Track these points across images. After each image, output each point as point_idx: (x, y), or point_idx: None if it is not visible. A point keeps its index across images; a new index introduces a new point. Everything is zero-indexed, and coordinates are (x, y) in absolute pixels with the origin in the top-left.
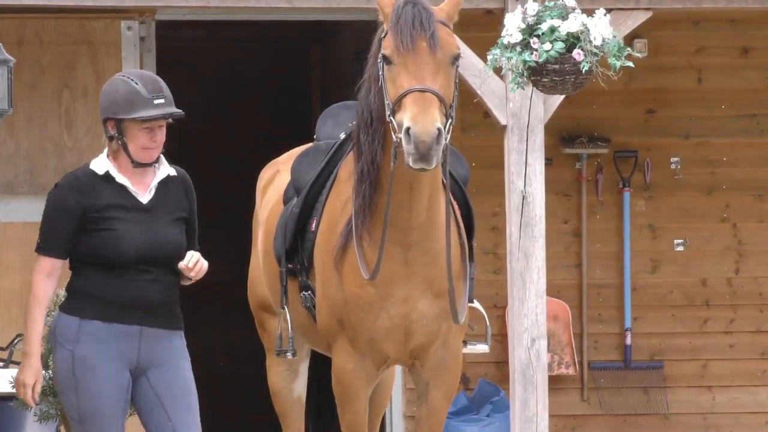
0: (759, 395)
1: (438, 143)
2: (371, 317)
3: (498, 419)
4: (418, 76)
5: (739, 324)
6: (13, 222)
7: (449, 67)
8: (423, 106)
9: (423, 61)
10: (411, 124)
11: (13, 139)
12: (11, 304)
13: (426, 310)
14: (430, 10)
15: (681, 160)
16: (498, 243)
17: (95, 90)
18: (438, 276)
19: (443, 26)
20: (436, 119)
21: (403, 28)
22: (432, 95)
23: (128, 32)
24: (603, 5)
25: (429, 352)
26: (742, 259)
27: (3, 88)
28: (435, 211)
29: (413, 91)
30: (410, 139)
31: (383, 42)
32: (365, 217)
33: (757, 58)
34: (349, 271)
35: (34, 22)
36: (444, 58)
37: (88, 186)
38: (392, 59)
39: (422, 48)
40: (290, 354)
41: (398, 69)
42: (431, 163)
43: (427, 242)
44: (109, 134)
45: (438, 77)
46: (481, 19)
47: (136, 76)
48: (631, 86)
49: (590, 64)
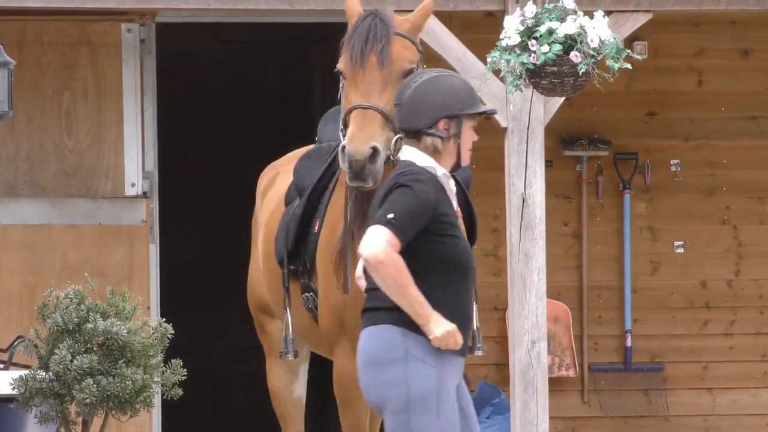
0: (759, 397)
1: (372, 162)
2: None
3: (498, 421)
4: (364, 93)
5: (740, 326)
6: (13, 224)
7: (399, 82)
8: (361, 125)
9: (371, 77)
10: (346, 142)
11: (14, 141)
12: (11, 305)
13: None
14: (388, 22)
15: (681, 162)
16: (498, 245)
17: (95, 92)
18: None
19: (401, 39)
20: (372, 138)
21: (355, 42)
22: (374, 112)
23: (128, 34)
24: (603, 7)
25: None
26: (742, 261)
27: (3, 91)
28: None
29: (356, 108)
30: (345, 158)
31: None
32: (360, 222)
33: (758, 60)
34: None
35: (34, 24)
36: (394, 73)
37: (440, 187)
38: (345, 74)
39: (371, 63)
40: (291, 355)
41: (349, 84)
42: (367, 182)
43: None
44: (444, 134)
45: (385, 93)
46: (482, 21)
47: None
48: (631, 88)
49: (587, 66)
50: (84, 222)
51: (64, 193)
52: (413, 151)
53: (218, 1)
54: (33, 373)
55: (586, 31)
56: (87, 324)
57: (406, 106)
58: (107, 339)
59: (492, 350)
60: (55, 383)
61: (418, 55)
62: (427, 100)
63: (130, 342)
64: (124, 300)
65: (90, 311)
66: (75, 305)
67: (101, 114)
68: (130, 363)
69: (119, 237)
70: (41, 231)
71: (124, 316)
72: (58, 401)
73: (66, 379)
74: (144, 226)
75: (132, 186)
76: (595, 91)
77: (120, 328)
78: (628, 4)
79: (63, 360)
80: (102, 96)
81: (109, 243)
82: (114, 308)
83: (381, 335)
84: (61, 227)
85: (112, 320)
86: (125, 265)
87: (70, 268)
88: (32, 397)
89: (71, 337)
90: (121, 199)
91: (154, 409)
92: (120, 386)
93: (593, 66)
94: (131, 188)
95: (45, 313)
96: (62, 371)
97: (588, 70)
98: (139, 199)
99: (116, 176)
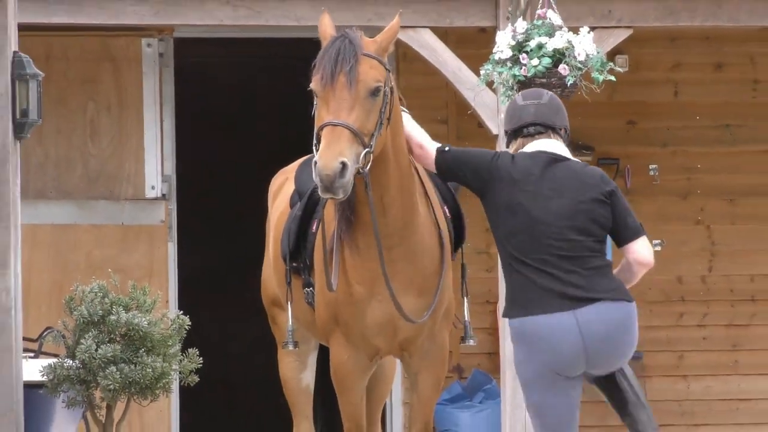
0: (730, 384)
1: (342, 176)
2: (361, 314)
3: (490, 406)
4: (334, 110)
5: (712, 318)
6: (42, 224)
7: (367, 100)
8: (330, 141)
9: (340, 95)
10: (317, 158)
11: (42, 148)
12: (41, 302)
13: (410, 306)
14: (357, 43)
15: (659, 167)
16: (490, 243)
17: (117, 102)
18: (419, 275)
19: (369, 59)
20: (341, 154)
21: (326, 63)
22: (343, 129)
23: (148, 49)
24: (587, 23)
25: (416, 344)
26: (715, 258)
27: (33, 100)
28: (411, 216)
29: (327, 125)
30: (316, 173)
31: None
32: (345, 226)
33: (730, 73)
34: (340, 273)
35: (60, 40)
36: (362, 91)
37: None
38: (316, 93)
39: (340, 83)
40: (291, 345)
41: (320, 103)
42: (337, 194)
43: (406, 244)
44: (565, 138)
45: (354, 111)
46: (475, 36)
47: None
48: (613, 99)
49: (575, 78)
50: (107, 222)
51: (88, 196)
52: (560, 145)
53: (231, 18)
54: (61, 362)
55: (573, 46)
56: (110, 316)
57: (547, 105)
58: (129, 330)
59: (484, 340)
60: (82, 371)
61: (386, 74)
62: (562, 108)
63: (150, 333)
64: (144, 294)
65: (113, 304)
66: (99, 299)
67: (123, 123)
68: (150, 352)
69: (140, 236)
70: (68, 231)
71: (145, 309)
72: (84, 387)
73: (91, 366)
74: (163, 226)
75: (152, 189)
76: (580, 101)
77: (141, 320)
78: (610, 20)
79: (88, 349)
80: (123, 106)
81: (130, 241)
82: (135, 301)
83: (632, 310)
84: (86, 227)
85: (133, 313)
86: (145, 262)
87: (95, 264)
88: (60, 383)
89: (96, 328)
90: (142, 201)
91: (173, 395)
92: (141, 373)
93: (579, 78)
94: (151, 191)
95: (72, 306)
96: (88, 360)
97: (575, 81)
98: (158, 201)
99: (137, 180)
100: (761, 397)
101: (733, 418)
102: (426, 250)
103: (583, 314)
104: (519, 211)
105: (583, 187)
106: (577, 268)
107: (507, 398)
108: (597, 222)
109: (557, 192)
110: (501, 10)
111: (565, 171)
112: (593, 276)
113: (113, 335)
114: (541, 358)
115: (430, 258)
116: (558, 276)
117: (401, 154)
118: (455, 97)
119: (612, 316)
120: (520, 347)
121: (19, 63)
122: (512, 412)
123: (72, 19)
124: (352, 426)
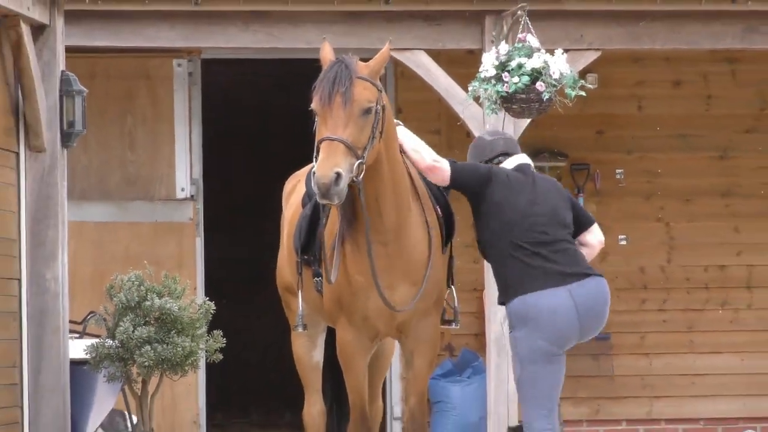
0: (686, 360)
1: (337, 184)
2: (362, 301)
3: (477, 380)
4: (331, 127)
5: (671, 303)
6: (86, 222)
7: (360, 118)
8: (327, 153)
9: (337, 114)
10: (315, 168)
11: (86, 156)
12: (85, 288)
13: (405, 294)
14: (352, 68)
15: (625, 172)
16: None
17: (152, 115)
18: (412, 266)
19: (362, 81)
20: (336, 165)
21: (324, 85)
22: (339, 143)
23: (179, 68)
24: (562, 46)
25: (411, 326)
26: (674, 251)
27: (79, 114)
28: (405, 215)
29: (324, 140)
30: (314, 181)
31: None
32: (346, 226)
33: (687, 89)
34: (342, 266)
35: (102, 60)
36: (356, 110)
37: None
38: (316, 111)
39: (337, 103)
40: (300, 328)
41: (320, 120)
42: (332, 200)
43: (401, 240)
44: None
45: (348, 127)
46: (464, 57)
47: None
48: (584, 112)
49: (550, 94)
50: (142, 220)
51: (126, 197)
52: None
53: (252, 42)
54: (102, 342)
55: (549, 66)
56: (145, 302)
57: (510, 139)
58: (162, 314)
59: (471, 323)
60: (120, 350)
61: (377, 94)
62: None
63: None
64: (175, 282)
65: (148, 292)
66: (136, 287)
67: (156, 133)
68: (180, 333)
69: (171, 232)
70: (108, 228)
71: (176, 296)
72: (123, 364)
73: (129, 346)
74: (191, 223)
75: (182, 190)
76: (555, 113)
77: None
78: (582, 44)
79: (126, 331)
80: (157, 119)
81: (162, 236)
82: (167, 289)
83: (606, 285)
84: (124, 224)
85: (165, 299)
86: (176, 255)
87: (132, 257)
88: (101, 360)
89: (133, 312)
90: (173, 201)
91: (200, 371)
92: (172, 352)
93: (554, 93)
94: (181, 192)
95: (112, 293)
96: (126, 340)
97: (550, 96)
98: (187, 201)
99: (168, 183)
100: (714, 373)
101: (690, 391)
102: (418, 246)
103: (575, 289)
104: (515, 207)
105: (558, 192)
106: (561, 252)
107: (492, 373)
108: (568, 217)
109: (542, 195)
110: (486, 35)
111: (543, 180)
112: (575, 257)
113: (148, 318)
114: (541, 334)
115: (420, 252)
116: (548, 257)
117: (395, 163)
118: (447, 111)
119: (598, 290)
120: (520, 327)
121: (67, 81)
122: (496, 385)
123: (112, 43)
124: (356, 397)
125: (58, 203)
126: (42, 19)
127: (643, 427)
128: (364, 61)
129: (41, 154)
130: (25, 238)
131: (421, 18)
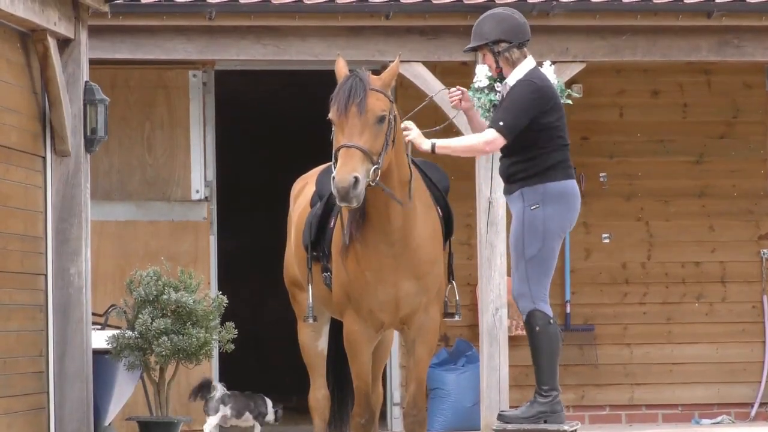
0: (665, 350)
1: (355, 188)
2: (369, 295)
3: (470, 369)
4: (348, 135)
5: (651, 297)
6: (107, 221)
7: (375, 126)
8: (345, 159)
9: (352, 122)
10: (335, 174)
11: (108, 159)
12: (107, 282)
13: (409, 289)
14: (366, 80)
15: (607, 175)
16: (470, 236)
17: (169, 123)
18: (417, 264)
19: (375, 93)
20: (354, 170)
21: (340, 97)
22: (355, 149)
23: (194, 79)
24: (549, 58)
25: (413, 318)
26: (653, 248)
27: (101, 121)
28: (410, 217)
29: (342, 147)
30: (334, 185)
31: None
32: (356, 226)
33: (665, 99)
34: (351, 262)
35: (123, 71)
36: (370, 119)
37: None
38: (333, 121)
39: (353, 112)
40: (311, 319)
41: (337, 129)
42: (351, 203)
43: (406, 240)
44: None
45: (364, 135)
46: (458, 69)
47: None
48: (570, 118)
49: None
50: (160, 219)
51: (145, 198)
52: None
53: (262, 54)
54: (122, 333)
55: None
56: (163, 295)
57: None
58: (178, 307)
59: (465, 315)
60: (139, 340)
61: (389, 104)
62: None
63: (195, 309)
64: (190, 277)
65: (165, 286)
66: (154, 281)
67: (173, 139)
68: (195, 325)
69: (187, 230)
70: (128, 226)
71: (191, 290)
72: (141, 353)
73: (147, 337)
74: (205, 222)
75: (196, 192)
76: None
77: (188, 299)
78: (567, 56)
79: (145, 323)
80: (174, 126)
81: (179, 235)
82: (183, 284)
83: None
84: (143, 223)
85: (181, 293)
86: (191, 251)
87: (150, 253)
88: (122, 350)
89: (151, 305)
90: (188, 201)
91: (213, 360)
92: (187, 342)
93: None
94: (196, 193)
95: (131, 287)
96: (144, 331)
97: None
98: (201, 202)
99: (184, 185)
100: (690, 362)
101: (668, 378)
102: (422, 244)
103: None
104: (561, 109)
105: None
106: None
107: (484, 362)
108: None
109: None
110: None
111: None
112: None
113: (165, 311)
114: (569, 215)
115: (425, 250)
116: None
117: (403, 168)
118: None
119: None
120: (555, 205)
121: (90, 90)
122: (489, 373)
123: (132, 55)
124: (360, 383)
125: (82, 203)
126: (67, 33)
127: (625, 412)
128: (375, 74)
129: (66, 158)
130: (51, 236)
131: (418, 32)
